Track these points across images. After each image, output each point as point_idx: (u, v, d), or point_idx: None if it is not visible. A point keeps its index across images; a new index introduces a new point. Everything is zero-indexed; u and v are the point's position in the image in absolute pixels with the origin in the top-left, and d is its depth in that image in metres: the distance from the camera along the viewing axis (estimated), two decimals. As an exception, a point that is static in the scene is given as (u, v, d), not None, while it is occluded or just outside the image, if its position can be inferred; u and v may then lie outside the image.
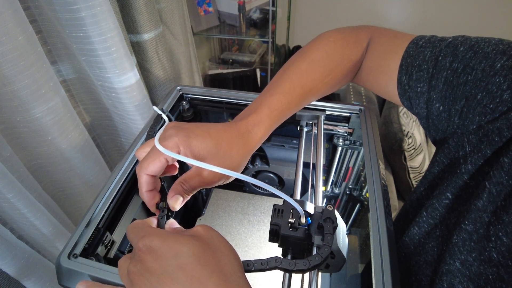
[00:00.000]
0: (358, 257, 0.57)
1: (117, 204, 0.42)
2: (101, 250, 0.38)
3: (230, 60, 1.80)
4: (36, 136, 0.53)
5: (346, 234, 0.34)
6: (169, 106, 0.55)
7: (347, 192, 0.66)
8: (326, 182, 0.67)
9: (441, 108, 0.37)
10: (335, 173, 0.65)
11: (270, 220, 0.33)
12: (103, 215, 0.39)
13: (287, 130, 0.61)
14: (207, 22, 1.60)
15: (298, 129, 0.55)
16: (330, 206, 0.32)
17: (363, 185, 0.59)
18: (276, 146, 0.64)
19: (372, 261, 0.33)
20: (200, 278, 0.24)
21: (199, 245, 0.26)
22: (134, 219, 0.46)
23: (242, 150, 0.37)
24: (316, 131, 0.52)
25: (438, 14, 1.69)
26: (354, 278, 0.54)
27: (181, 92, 0.58)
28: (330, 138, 0.59)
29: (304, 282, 0.35)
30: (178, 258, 0.25)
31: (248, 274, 0.28)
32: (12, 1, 0.42)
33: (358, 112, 0.53)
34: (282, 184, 0.71)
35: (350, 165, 0.62)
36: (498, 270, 0.28)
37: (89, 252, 0.36)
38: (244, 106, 0.56)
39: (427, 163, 1.37)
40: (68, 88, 0.67)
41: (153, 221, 0.35)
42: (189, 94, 0.58)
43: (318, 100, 0.50)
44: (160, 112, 0.49)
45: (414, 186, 1.33)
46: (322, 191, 0.43)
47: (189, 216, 0.67)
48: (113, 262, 0.39)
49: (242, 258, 0.28)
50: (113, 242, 0.41)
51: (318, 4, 1.84)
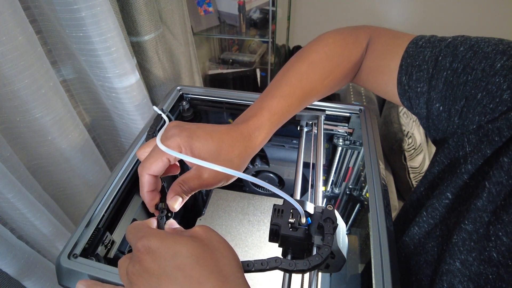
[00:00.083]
0: (358, 257, 0.57)
1: (117, 204, 0.42)
2: (101, 250, 0.38)
3: (230, 60, 1.80)
4: (36, 136, 0.53)
5: (346, 234, 0.34)
6: (169, 106, 0.55)
7: (347, 192, 0.66)
8: (326, 182, 0.67)
9: (441, 108, 0.37)
10: (335, 173, 0.65)
11: (270, 220, 0.33)
12: (103, 215, 0.39)
13: (287, 130, 0.61)
14: (207, 22, 1.60)
15: (298, 129, 0.55)
16: (330, 206, 0.32)
17: (363, 185, 0.59)
18: (276, 146, 0.64)
19: (372, 261, 0.33)
20: (198, 278, 0.24)
21: (198, 245, 0.26)
22: (134, 219, 0.46)
23: (243, 154, 0.37)
24: (316, 131, 0.52)
25: (438, 14, 1.69)
26: (354, 278, 0.54)
27: (181, 92, 0.58)
28: (330, 138, 0.59)
29: (304, 282, 0.35)
30: (177, 258, 0.25)
31: (248, 274, 0.28)
32: (12, 1, 0.42)
33: (358, 112, 0.53)
34: (282, 184, 0.71)
35: (350, 165, 0.62)
36: (498, 269, 0.28)
37: (89, 252, 0.36)
38: (244, 106, 0.56)
39: (427, 163, 1.37)
40: (68, 88, 0.67)
41: (152, 222, 0.35)
42: (189, 94, 0.58)
43: (318, 100, 0.50)
44: (160, 112, 0.49)
45: (414, 186, 1.33)
46: (322, 191, 0.43)
47: (189, 216, 0.67)
48: (113, 262, 0.39)
49: (242, 258, 0.28)
50: (113, 242, 0.41)
51: (318, 4, 1.84)
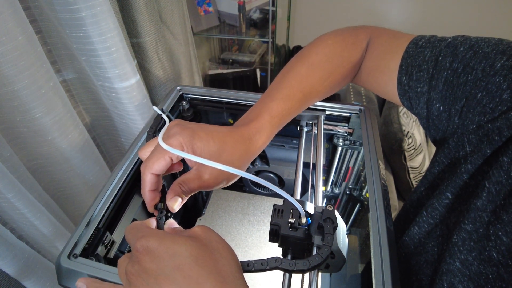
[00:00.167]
0: (358, 257, 0.57)
1: (117, 204, 0.42)
2: (101, 250, 0.38)
3: (230, 60, 1.80)
4: (36, 136, 0.53)
5: (346, 234, 0.34)
6: (169, 106, 0.55)
7: (347, 192, 0.66)
8: (326, 182, 0.67)
9: (441, 108, 0.37)
10: (335, 173, 0.65)
11: (270, 220, 0.33)
12: (103, 215, 0.39)
13: (287, 130, 0.61)
14: (207, 22, 1.60)
15: (298, 129, 0.55)
16: (330, 206, 0.32)
17: (363, 185, 0.59)
18: (276, 146, 0.64)
19: (372, 261, 0.33)
20: (197, 278, 0.24)
21: (197, 245, 0.26)
22: (134, 219, 0.46)
23: (244, 157, 0.37)
24: (316, 131, 0.52)
25: (438, 14, 1.69)
26: (354, 278, 0.54)
27: (181, 92, 0.58)
28: (330, 138, 0.59)
29: (304, 282, 0.35)
30: (176, 258, 0.25)
31: (248, 274, 0.28)
32: (12, 1, 0.42)
33: (358, 112, 0.53)
34: (282, 184, 0.71)
35: (350, 165, 0.62)
36: (498, 269, 0.28)
37: (89, 252, 0.36)
38: (244, 106, 0.56)
39: (427, 163, 1.37)
40: (68, 88, 0.67)
41: (152, 222, 0.35)
42: (189, 94, 0.58)
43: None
44: (160, 112, 0.49)
45: (414, 186, 1.33)
46: (322, 191, 0.43)
47: (189, 216, 0.67)
48: (113, 262, 0.39)
49: (242, 258, 0.28)
50: (113, 242, 0.41)
51: (318, 4, 1.84)
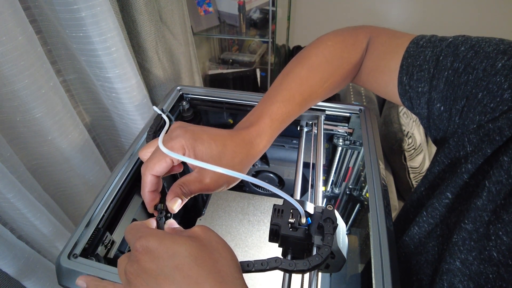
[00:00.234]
0: (358, 257, 0.57)
1: (117, 204, 0.42)
2: (101, 250, 0.38)
3: (230, 60, 1.80)
4: (36, 136, 0.53)
5: (346, 234, 0.34)
6: (169, 106, 0.55)
7: (347, 192, 0.66)
8: (326, 182, 0.67)
9: (442, 108, 0.37)
10: (335, 173, 0.65)
11: (270, 220, 0.33)
12: (103, 215, 0.39)
13: (287, 130, 0.60)
14: (207, 22, 1.60)
15: (298, 129, 0.55)
16: (330, 206, 0.32)
17: (363, 185, 0.59)
18: (276, 146, 0.64)
19: (372, 261, 0.33)
20: (197, 278, 0.24)
21: (196, 245, 0.26)
22: (134, 219, 0.46)
23: (245, 160, 0.37)
24: (316, 131, 0.52)
25: (438, 14, 1.69)
26: (354, 278, 0.54)
27: (181, 92, 0.58)
28: (330, 138, 0.59)
29: (304, 282, 0.35)
30: (175, 258, 0.25)
31: (248, 274, 0.28)
32: (12, 1, 0.42)
33: (358, 112, 0.53)
34: (282, 184, 0.71)
35: (350, 165, 0.62)
36: (498, 269, 0.28)
37: (89, 252, 0.36)
38: (244, 106, 0.56)
39: (427, 163, 1.37)
40: (68, 88, 0.67)
41: (152, 222, 0.35)
42: (189, 94, 0.58)
43: (319, 101, 0.50)
44: (160, 112, 0.49)
45: (414, 186, 1.33)
46: (322, 191, 0.43)
47: (189, 216, 0.67)
48: (113, 262, 0.39)
49: (242, 258, 0.28)
50: (113, 242, 0.41)
51: (318, 4, 1.84)
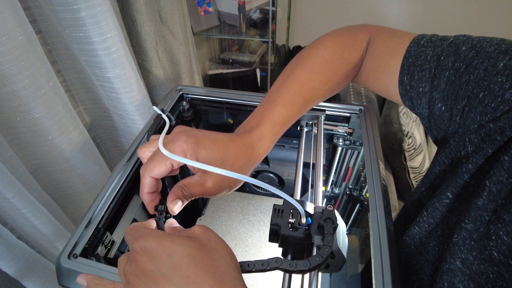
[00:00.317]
0: (358, 257, 0.57)
1: (117, 204, 0.42)
2: (101, 250, 0.38)
3: (230, 60, 1.80)
4: (36, 136, 0.53)
5: (346, 234, 0.34)
6: (169, 106, 0.55)
7: (347, 192, 0.66)
8: (326, 182, 0.67)
9: (443, 108, 0.37)
10: (335, 173, 0.65)
11: (270, 220, 0.33)
12: (103, 215, 0.39)
13: (287, 130, 0.60)
14: (207, 22, 1.60)
15: (298, 129, 0.55)
16: (330, 206, 0.32)
17: (363, 185, 0.59)
18: (276, 146, 0.63)
19: (372, 261, 0.33)
20: (195, 278, 0.24)
21: (195, 245, 0.26)
22: (134, 219, 0.46)
23: (246, 165, 0.37)
24: (316, 131, 0.52)
25: (438, 14, 1.69)
26: (354, 278, 0.54)
27: (181, 92, 0.58)
28: (330, 138, 0.59)
29: (304, 282, 0.35)
30: (173, 258, 0.25)
31: (248, 274, 0.28)
32: (12, 1, 0.42)
33: (358, 112, 0.53)
34: (282, 184, 0.71)
35: (350, 165, 0.62)
36: (498, 268, 0.28)
37: (89, 252, 0.36)
38: (244, 106, 0.56)
39: (427, 163, 1.37)
40: (68, 88, 0.67)
41: (152, 223, 0.35)
42: (189, 94, 0.58)
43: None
44: (160, 112, 0.49)
45: (414, 186, 1.33)
46: (322, 191, 0.43)
47: (189, 216, 0.67)
48: (113, 262, 0.39)
49: (242, 258, 0.28)
50: (113, 242, 0.41)
51: (318, 4, 1.84)
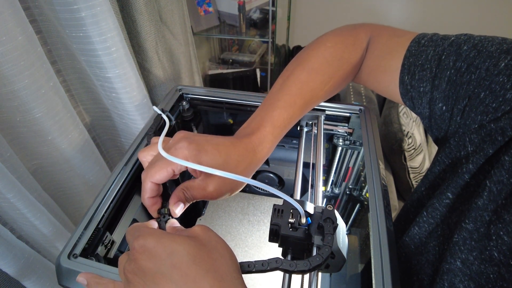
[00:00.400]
0: (358, 257, 0.57)
1: (117, 204, 0.42)
2: (101, 250, 0.38)
3: (230, 60, 1.80)
4: (36, 136, 0.53)
5: (346, 234, 0.34)
6: (169, 106, 0.55)
7: (347, 192, 0.66)
8: (326, 182, 0.67)
9: (444, 108, 0.36)
10: (335, 173, 0.65)
11: (270, 220, 0.33)
12: (103, 215, 0.39)
13: (287, 130, 0.61)
14: (207, 22, 1.60)
15: (298, 129, 0.55)
16: (330, 206, 0.32)
17: (363, 185, 0.59)
18: (276, 146, 0.63)
19: (372, 261, 0.33)
20: (195, 277, 0.24)
21: (195, 245, 0.26)
22: (134, 219, 0.46)
23: (248, 168, 0.37)
24: (316, 131, 0.52)
25: (438, 14, 1.69)
26: (354, 278, 0.54)
27: (181, 92, 0.58)
28: (330, 138, 0.59)
29: (304, 282, 0.35)
30: (173, 257, 0.25)
31: (248, 274, 0.28)
32: (12, 1, 0.42)
33: (358, 112, 0.53)
34: (282, 184, 0.71)
35: (350, 165, 0.62)
36: (499, 269, 0.28)
37: (89, 252, 0.36)
38: (244, 106, 0.56)
39: (427, 163, 1.37)
40: (68, 88, 0.67)
41: (153, 224, 0.35)
42: (189, 94, 0.58)
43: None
44: (160, 112, 0.49)
45: (414, 186, 1.33)
46: (322, 191, 0.43)
47: (189, 216, 0.67)
48: (113, 262, 0.39)
49: (242, 258, 0.28)
50: (113, 242, 0.41)
51: (318, 4, 1.84)
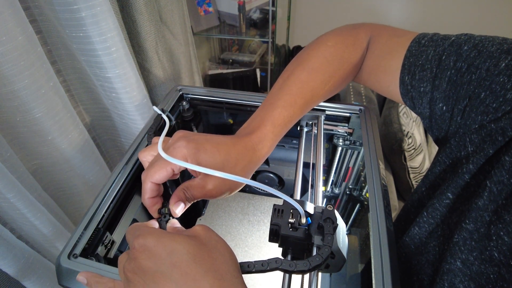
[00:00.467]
0: (358, 257, 0.57)
1: (117, 204, 0.42)
2: (101, 250, 0.38)
3: (230, 60, 1.80)
4: (36, 136, 0.53)
5: (346, 234, 0.34)
6: (169, 106, 0.55)
7: (347, 192, 0.66)
8: (326, 182, 0.67)
9: (444, 108, 0.36)
10: (335, 173, 0.65)
11: (270, 220, 0.33)
12: (103, 215, 0.39)
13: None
14: (207, 22, 1.60)
15: (298, 129, 0.55)
16: (330, 206, 0.32)
17: (363, 185, 0.59)
18: (276, 146, 0.63)
19: (372, 261, 0.33)
20: (194, 276, 0.24)
21: (195, 244, 0.26)
22: (134, 219, 0.46)
23: (247, 167, 0.37)
24: (316, 131, 0.52)
25: (438, 14, 1.69)
26: (354, 278, 0.54)
27: (181, 92, 0.58)
28: (330, 138, 0.59)
29: (304, 282, 0.35)
30: (173, 256, 0.25)
31: (248, 275, 0.28)
32: (12, 1, 0.42)
33: (358, 112, 0.53)
34: (282, 184, 0.71)
35: (350, 165, 0.62)
36: (499, 269, 0.28)
37: (89, 252, 0.36)
38: (244, 106, 0.56)
39: (427, 163, 1.37)
40: (68, 88, 0.67)
41: (153, 223, 0.35)
42: (189, 94, 0.58)
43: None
44: (160, 112, 0.49)
45: (414, 186, 1.33)
46: (322, 191, 0.43)
47: (189, 216, 0.67)
48: (113, 262, 0.39)
49: (242, 258, 0.28)
50: (113, 242, 0.41)
51: (318, 4, 1.84)
